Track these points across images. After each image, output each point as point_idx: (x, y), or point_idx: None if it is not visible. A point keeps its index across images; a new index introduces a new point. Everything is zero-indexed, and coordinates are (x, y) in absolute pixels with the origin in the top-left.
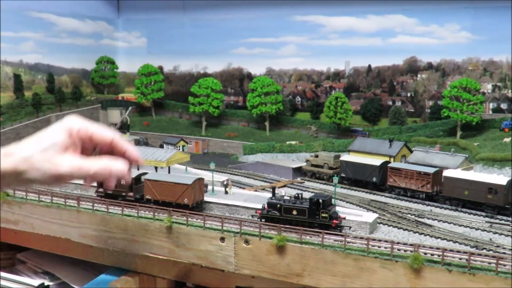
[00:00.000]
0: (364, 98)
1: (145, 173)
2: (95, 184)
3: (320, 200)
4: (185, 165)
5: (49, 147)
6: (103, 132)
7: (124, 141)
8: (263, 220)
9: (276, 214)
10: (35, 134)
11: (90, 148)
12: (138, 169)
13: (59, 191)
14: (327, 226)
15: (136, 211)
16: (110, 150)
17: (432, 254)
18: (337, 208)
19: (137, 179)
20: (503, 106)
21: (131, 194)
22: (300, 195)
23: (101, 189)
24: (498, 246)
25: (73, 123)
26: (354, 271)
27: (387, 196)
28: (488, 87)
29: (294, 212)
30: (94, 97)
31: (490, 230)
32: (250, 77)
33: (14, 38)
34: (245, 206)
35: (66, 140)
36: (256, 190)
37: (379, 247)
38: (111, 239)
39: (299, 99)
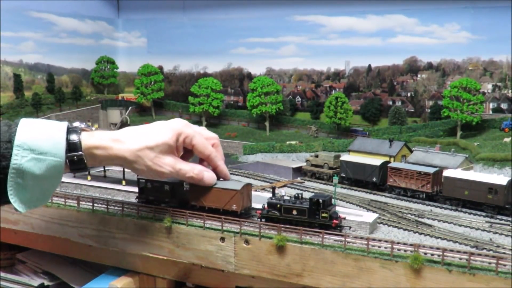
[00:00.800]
0: (364, 98)
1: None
2: (136, 189)
3: (320, 200)
4: None
5: (158, 146)
6: (205, 146)
7: (218, 158)
8: (263, 220)
9: (276, 214)
10: (145, 124)
11: (188, 152)
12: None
13: (59, 191)
14: (327, 226)
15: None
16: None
17: (432, 254)
18: (337, 208)
19: (181, 184)
20: (503, 106)
21: (174, 200)
22: (300, 195)
23: (142, 195)
24: (498, 246)
25: (183, 128)
26: (354, 271)
27: (387, 196)
28: (488, 87)
29: (294, 212)
30: (94, 97)
31: (490, 230)
32: (250, 77)
33: (14, 38)
34: None
35: (173, 142)
36: (256, 190)
37: (379, 247)
38: (111, 239)
39: (299, 99)
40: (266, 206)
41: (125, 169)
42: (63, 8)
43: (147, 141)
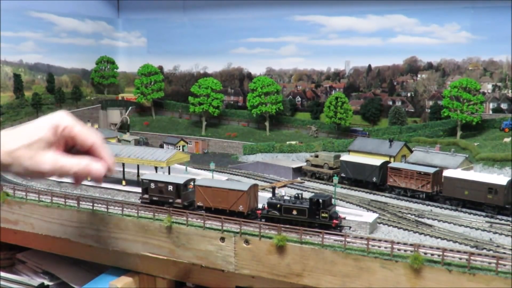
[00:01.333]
0: (364, 98)
1: (193, 179)
2: (139, 189)
3: (320, 200)
4: (185, 165)
5: (34, 143)
6: (86, 135)
7: (104, 148)
8: (263, 220)
9: (276, 214)
10: (21, 125)
11: (70, 146)
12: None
13: (59, 191)
14: (327, 226)
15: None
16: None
17: (432, 254)
18: (337, 208)
19: (185, 185)
20: (503, 106)
21: (179, 201)
22: (300, 195)
23: (146, 196)
24: (498, 246)
25: (60, 121)
26: (354, 271)
27: (387, 196)
28: (488, 87)
29: (294, 212)
30: (94, 97)
31: (490, 230)
32: (250, 77)
33: (14, 38)
34: None
35: (51, 137)
36: None
37: (379, 247)
38: (111, 239)
39: (299, 99)
40: (266, 206)
41: (125, 169)
42: (63, 8)
43: (21, 140)
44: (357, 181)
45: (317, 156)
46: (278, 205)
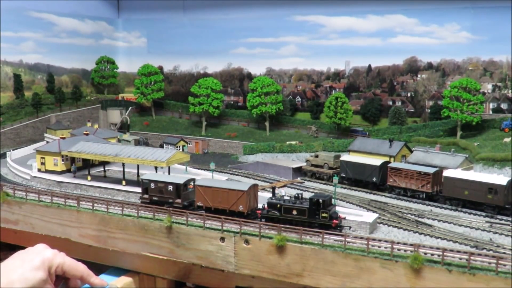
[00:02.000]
0: (364, 98)
1: (193, 179)
2: (139, 189)
3: (320, 200)
4: (185, 165)
5: (33, 286)
6: (76, 268)
7: (91, 274)
8: (263, 220)
9: (276, 214)
10: (17, 262)
11: (61, 277)
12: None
13: (59, 191)
14: (327, 226)
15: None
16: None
17: (432, 254)
18: (337, 208)
19: (185, 185)
20: (503, 106)
21: (178, 200)
22: (300, 195)
23: (146, 196)
24: (498, 246)
25: (53, 261)
26: (354, 271)
27: (387, 196)
28: (488, 87)
29: (294, 212)
30: (94, 97)
31: (490, 230)
32: (250, 77)
33: (14, 38)
34: None
35: (46, 277)
36: None
37: (379, 247)
38: (111, 239)
39: (299, 99)
40: (266, 206)
41: (125, 169)
42: (63, 8)
43: (22, 282)
44: (357, 181)
45: (317, 156)
46: (278, 205)
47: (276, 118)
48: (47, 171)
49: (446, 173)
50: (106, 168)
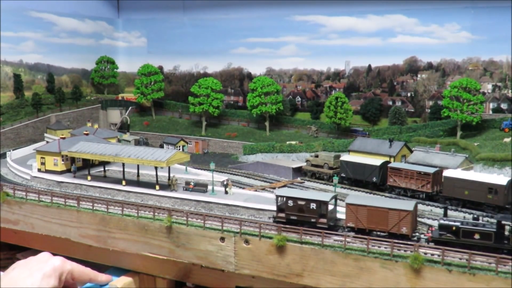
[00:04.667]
0: (364, 98)
1: (336, 195)
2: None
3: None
4: (185, 165)
5: None
6: (84, 272)
7: (97, 274)
8: (431, 243)
9: (452, 238)
10: (24, 272)
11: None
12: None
13: (59, 191)
14: None
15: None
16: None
17: (432, 254)
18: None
19: (329, 202)
20: (503, 106)
21: (323, 220)
22: (479, 217)
23: (281, 214)
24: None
25: (63, 268)
26: (354, 271)
27: (387, 196)
28: (488, 87)
29: (477, 236)
30: (94, 97)
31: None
32: (250, 77)
33: (14, 38)
34: (245, 206)
35: (58, 284)
36: (256, 190)
37: (379, 247)
38: (111, 239)
39: (299, 99)
40: (436, 228)
41: (125, 169)
42: (63, 8)
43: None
44: (357, 181)
45: (317, 156)
46: (454, 228)
47: (276, 118)
48: (47, 171)
49: (446, 173)
50: (106, 168)
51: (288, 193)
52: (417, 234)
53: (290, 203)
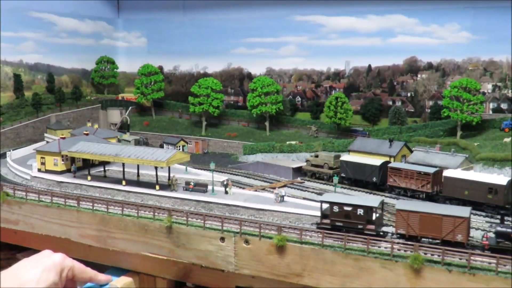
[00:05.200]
0: (364, 98)
1: (382, 200)
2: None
3: None
4: (185, 165)
5: (45, 287)
6: (84, 271)
7: (97, 274)
8: (487, 251)
9: (510, 246)
10: (28, 265)
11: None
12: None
13: (59, 191)
14: None
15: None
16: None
17: (432, 254)
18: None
19: (379, 207)
20: (503, 106)
21: (371, 227)
22: None
23: (326, 221)
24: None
25: (63, 264)
26: (354, 271)
27: (387, 196)
28: (488, 87)
29: None
30: (94, 97)
31: (490, 230)
32: (250, 77)
33: (14, 38)
34: (245, 206)
35: (58, 279)
36: (256, 190)
37: (379, 247)
38: (111, 239)
39: (299, 99)
40: (492, 234)
41: (125, 169)
42: (63, 8)
43: (37, 285)
44: (357, 181)
45: (317, 156)
46: None
47: (276, 118)
48: (47, 171)
49: (446, 173)
50: (106, 168)
51: (334, 199)
52: (471, 241)
53: (336, 209)
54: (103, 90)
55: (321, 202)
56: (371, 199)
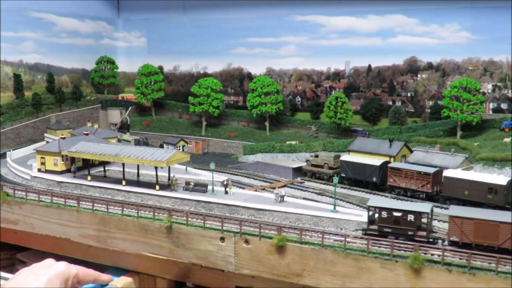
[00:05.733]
0: (364, 98)
1: (432, 206)
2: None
3: None
4: (185, 165)
5: None
6: (88, 274)
7: (100, 275)
8: None
9: None
10: (29, 276)
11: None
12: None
13: (59, 191)
14: None
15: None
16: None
17: (432, 254)
18: (338, 209)
19: (425, 212)
20: (503, 106)
21: (422, 233)
22: None
23: (373, 227)
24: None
25: (68, 272)
26: (354, 271)
27: (387, 196)
28: (488, 87)
29: None
30: (94, 97)
31: None
32: (250, 77)
33: (14, 38)
34: (245, 206)
35: None
36: (256, 190)
37: (379, 247)
38: (111, 239)
39: (299, 99)
40: None
41: (125, 169)
42: (63, 8)
43: None
44: (357, 181)
45: (317, 156)
46: None
47: (276, 118)
48: (47, 171)
49: (446, 173)
50: (106, 168)
51: (382, 204)
52: None
53: (384, 214)
54: (103, 90)
55: (369, 207)
56: (421, 205)
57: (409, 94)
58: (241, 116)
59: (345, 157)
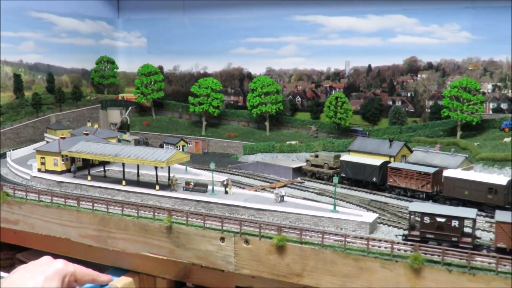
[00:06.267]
0: (364, 98)
1: (476, 210)
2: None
3: None
4: (185, 165)
5: None
6: (86, 273)
7: (99, 275)
8: None
9: None
10: (26, 275)
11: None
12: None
13: (59, 191)
14: None
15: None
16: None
17: (432, 254)
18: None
19: (470, 218)
20: (503, 106)
21: (467, 240)
22: None
23: (415, 233)
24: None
25: (65, 270)
26: (354, 271)
27: (387, 196)
28: (488, 87)
29: None
30: (94, 97)
31: (490, 230)
32: (250, 77)
33: (14, 38)
34: (245, 206)
35: (59, 286)
36: (256, 190)
37: (379, 247)
38: (111, 239)
39: (299, 99)
40: None
41: (125, 169)
42: (63, 8)
43: None
44: (357, 181)
45: (317, 156)
46: None
47: (276, 118)
48: (47, 171)
49: (446, 173)
50: (106, 168)
51: (424, 209)
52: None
53: (427, 219)
54: (103, 90)
55: (410, 212)
56: (465, 210)
57: (409, 94)
58: (241, 116)
59: (345, 157)
